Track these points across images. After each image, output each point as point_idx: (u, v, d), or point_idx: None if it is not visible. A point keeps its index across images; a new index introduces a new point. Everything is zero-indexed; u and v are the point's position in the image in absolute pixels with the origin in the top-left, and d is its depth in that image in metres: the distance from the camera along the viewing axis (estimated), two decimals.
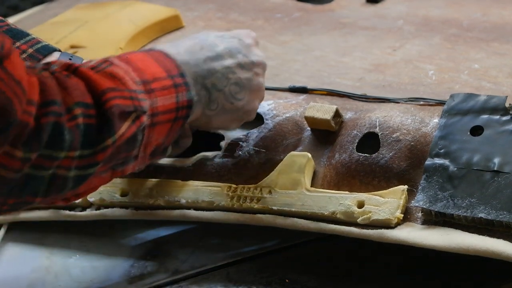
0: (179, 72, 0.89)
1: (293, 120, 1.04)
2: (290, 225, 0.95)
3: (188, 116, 0.90)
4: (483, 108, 0.96)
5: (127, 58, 0.86)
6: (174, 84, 0.88)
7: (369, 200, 0.93)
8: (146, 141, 0.85)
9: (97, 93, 0.78)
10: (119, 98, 0.80)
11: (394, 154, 0.95)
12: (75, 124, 0.76)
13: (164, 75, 0.87)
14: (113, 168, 0.83)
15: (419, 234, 0.90)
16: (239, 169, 1.01)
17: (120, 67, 0.83)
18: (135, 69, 0.84)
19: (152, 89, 0.85)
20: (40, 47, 1.04)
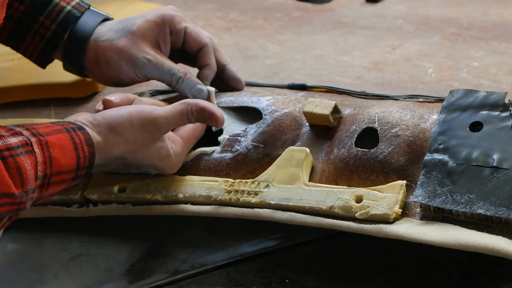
0: (88, 165, 0.93)
1: (292, 115, 1.04)
2: (288, 219, 0.95)
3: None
4: (483, 104, 0.96)
5: (48, 142, 0.89)
6: (73, 177, 0.92)
7: (368, 195, 0.92)
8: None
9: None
10: (9, 205, 0.85)
11: (393, 149, 0.95)
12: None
13: (72, 169, 0.91)
14: None
15: (418, 229, 0.89)
16: (237, 164, 1.01)
17: (33, 158, 0.87)
18: (47, 160, 0.88)
19: (49, 183, 0.89)
20: (63, 18, 1.07)
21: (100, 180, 1.04)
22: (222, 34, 1.38)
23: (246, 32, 1.38)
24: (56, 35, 1.07)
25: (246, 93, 1.09)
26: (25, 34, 1.08)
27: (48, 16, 1.07)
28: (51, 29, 1.07)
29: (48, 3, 1.07)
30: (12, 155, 0.85)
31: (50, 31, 1.07)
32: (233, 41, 1.35)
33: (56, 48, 1.09)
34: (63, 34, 1.07)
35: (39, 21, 1.07)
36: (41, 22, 1.07)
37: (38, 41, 1.08)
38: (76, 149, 0.91)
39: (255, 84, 1.14)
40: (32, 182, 0.87)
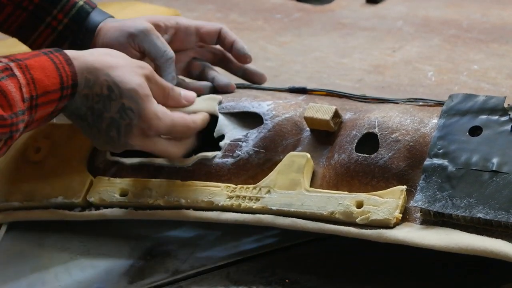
0: (72, 83, 0.94)
1: (293, 120, 1.04)
2: (289, 225, 0.95)
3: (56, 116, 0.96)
4: (482, 108, 0.96)
5: (27, 65, 0.90)
6: (60, 97, 0.93)
7: (368, 200, 0.93)
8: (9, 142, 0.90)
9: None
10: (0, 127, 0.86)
11: (393, 155, 0.95)
12: None
13: (56, 88, 0.92)
14: None
15: (418, 234, 0.89)
16: (239, 169, 1.01)
17: (15, 80, 0.88)
18: (30, 81, 0.89)
19: (36, 104, 0.90)
20: (75, 13, 1.10)
21: (102, 184, 1.05)
22: None
23: (246, 33, 1.38)
24: (67, 29, 1.10)
25: (246, 98, 1.09)
26: (38, 25, 1.10)
27: (62, 10, 1.10)
28: (63, 23, 1.10)
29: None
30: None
31: (62, 24, 1.10)
32: None
33: (65, 42, 1.11)
34: (74, 28, 1.10)
35: (53, 14, 1.09)
36: (54, 15, 1.09)
37: (49, 33, 1.10)
38: (58, 69, 0.92)
39: (255, 87, 1.15)
40: (19, 104, 0.88)
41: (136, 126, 0.97)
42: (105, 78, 0.96)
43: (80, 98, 0.95)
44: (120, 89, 0.96)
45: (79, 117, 0.97)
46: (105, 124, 0.97)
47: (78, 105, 0.96)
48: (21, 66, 0.89)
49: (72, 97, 0.95)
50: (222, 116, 1.07)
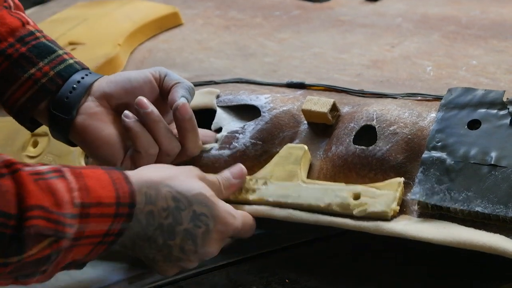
0: (129, 202, 0.85)
1: (290, 113, 1.04)
2: (286, 216, 0.95)
3: (116, 242, 0.87)
4: (481, 102, 0.96)
5: (81, 173, 0.83)
6: (115, 214, 0.84)
7: (365, 192, 0.92)
8: (59, 261, 0.82)
9: (23, 206, 0.77)
10: (42, 219, 0.78)
11: (391, 147, 0.95)
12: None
13: (111, 202, 0.84)
14: (16, 278, 0.81)
15: (415, 227, 0.89)
16: (236, 161, 1.01)
17: (66, 182, 0.81)
18: (82, 188, 0.82)
19: (88, 214, 0.82)
20: (63, 68, 1.01)
21: None
22: (221, 32, 1.38)
23: (245, 30, 1.38)
24: (51, 82, 1.00)
25: (244, 91, 1.09)
26: (19, 76, 1.00)
27: (49, 63, 1.01)
28: (49, 75, 1.00)
29: (52, 52, 1.01)
30: (42, 178, 0.80)
31: (47, 77, 1.00)
32: (232, 39, 1.35)
33: (45, 99, 1.01)
34: (59, 83, 1.00)
35: (38, 65, 1.00)
36: (39, 67, 1.00)
37: (29, 86, 1.00)
38: (114, 183, 0.84)
39: (253, 82, 1.14)
40: (68, 206, 0.80)
41: (213, 230, 0.91)
42: (167, 190, 0.89)
43: (145, 218, 0.88)
44: (187, 197, 0.90)
45: (147, 241, 0.89)
46: (179, 239, 0.90)
47: (143, 226, 0.88)
48: (75, 173, 0.82)
49: (128, 219, 0.86)
50: (220, 110, 1.07)
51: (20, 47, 1.00)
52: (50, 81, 1.00)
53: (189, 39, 1.35)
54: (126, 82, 1.01)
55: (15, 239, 0.76)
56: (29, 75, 1.00)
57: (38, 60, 1.00)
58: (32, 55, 1.00)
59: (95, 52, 1.28)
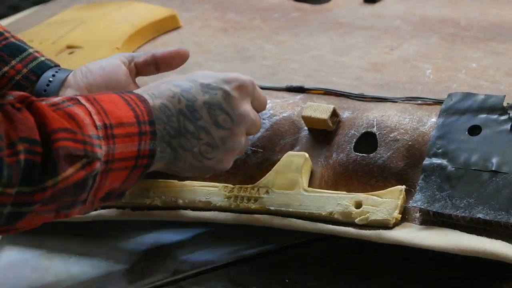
0: (149, 119, 0.85)
1: (290, 119, 1.04)
2: (288, 225, 0.95)
3: (150, 166, 0.85)
4: (481, 107, 0.96)
5: (95, 98, 0.82)
6: (139, 132, 0.83)
7: (367, 200, 0.92)
8: (97, 187, 0.81)
9: (47, 131, 0.76)
10: (69, 140, 0.77)
11: (392, 154, 0.95)
12: (15, 160, 0.73)
13: (132, 121, 0.83)
14: (58, 210, 0.80)
15: (417, 234, 0.89)
16: (236, 169, 1.00)
17: (83, 107, 0.80)
18: (100, 111, 0.81)
19: (113, 135, 0.81)
20: (35, 65, 1.03)
21: None
22: (219, 34, 1.38)
23: (243, 32, 1.38)
24: (26, 80, 1.02)
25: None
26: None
27: (21, 61, 1.02)
28: (22, 73, 1.02)
29: (23, 51, 1.03)
30: (59, 108, 0.79)
31: (20, 74, 1.02)
32: (230, 41, 1.34)
33: None
34: (34, 79, 1.02)
35: (10, 64, 1.02)
36: (12, 65, 1.02)
37: (4, 83, 1.02)
38: (129, 104, 0.84)
39: None
40: (91, 128, 0.79)
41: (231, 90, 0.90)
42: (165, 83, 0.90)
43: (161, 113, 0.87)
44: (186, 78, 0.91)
45: (181, 135, 0.88)
46: (206, 114, 0.89)
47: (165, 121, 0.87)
48: (89, 98, 0.82)
49: (154, 137, 0.85)
50: None
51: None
52: (24, 78, 1.01)
53: (187, 42, 1.35)
54: (100, 70, 1.01)
55: (47, 163, 0.75)
56: (2, 73, 1.01)
57: (10, 59, 1.02)
58: (3, 54, 1.02)
59: (93, 56, 1.27)
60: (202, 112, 0.89)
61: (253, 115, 0.92)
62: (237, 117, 0.90)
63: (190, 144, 0.89)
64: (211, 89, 0.89)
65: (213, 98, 0.89)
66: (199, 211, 0.99)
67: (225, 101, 0.89)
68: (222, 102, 0.89)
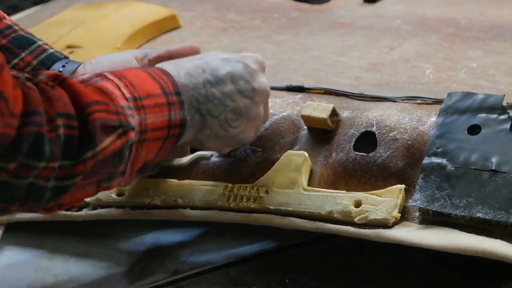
0: (175, 90, 0.87)
1: (290, 119, 1.04)
2: (287, 224, 0.95)
3: (181, 135, 0.88)
4: (481, 107, 0.96)
5: (121, 73, 0.85)
6: (167, 102, 0.86)
7: (366, 200, 0.92)
8: (133, 158, 0.83)
9: (81, 105, 0.77)
10: (103, 112, 0.79)
11: (391, 153, 0.95)
12: (55, 135, 0.75)
13: (159, 92, 0.85)
14: (99, 182, 0.82)
15: (417, 234, 0.89)
16: (236, 168, 1.01)
17: (111, 81, 0.82)
18: (128, 84, 0.83)
19: (143, 106, 0.83)
20: (45, 57, 1.04)
21: None
22: (219, 34, 1.38)
23: (243, 32, 1.38)
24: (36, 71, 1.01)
25: None
26: None
27: (30, 53, 1.03)
28: (32, 65, 1.03)
29: (32, 43, 1.04)
30: (89, 84, 0.81)
31: (30, 66, 1.03)
32: (230, 41, 1.34)
33: None
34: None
35: (20, 56, 1.03)
36: (22, 57, 1.03)
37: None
38: (154, 78, 0.86)
39: None
40: (122, 100, 0.81)
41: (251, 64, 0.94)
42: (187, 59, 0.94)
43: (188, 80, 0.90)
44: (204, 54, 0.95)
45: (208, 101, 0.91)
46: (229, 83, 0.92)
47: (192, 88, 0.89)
48: (115, 74, 0.84)
49: (182, 107, 0.87)
50: None
51: (0, 39, 1.02)
52: (34, 70, 1.01)
53: (187, 42, 1.35)
54: (110, 62, 1.02)
55: (84, 136, 0.77)
56: (12, 65, 1.02)
57: (19, 51, 1.03)
58: (13, 47, 1.03)
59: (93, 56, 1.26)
60: (226, 81, 0.92)
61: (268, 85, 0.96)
62: (257, 87, 0.93)
63: (217, 111, 0.91)
64: (232, 63, 0.93)
65: (235, 69, 0.93)
66: (198, 210, 0.99)
67: (246, 72, 0.93)
68: (243, 73, 0.93)
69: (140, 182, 1.03)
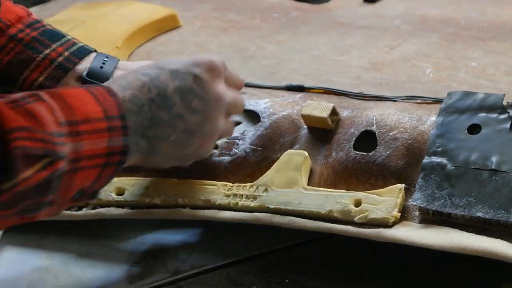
0: (119, 114, 0.82)
1: (290, 118, 1.04)
2: (287, 223, 0.95)
3: (123, 162, 0.83)
4: (481, 106, 0.96)
5: (61, 93, 0.79)
6: (108, 127, 0.80)
7: (366, 199, 0.92)
8: (65, 187, 0.78)
9: (3, 131, 0.71)
10: (27, 140, 0.72)
11: (391, 152, 0.95)
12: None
13: (99, 116, 0.79)
14: (22, 213, 0.76)
15: (417, 233, 0.89)
16: (236, 167, 1.01)
17: (45, 104, 0.76)
18: (65, 107, 0.77)
19: (78, 132, 0.77)
20: (76, 49, 1.04)
21: None
22: (219, 34, 1.38)
23: (243, 32, 1.38)
24: (68, 61, 1.02)
25: (244, 96, 1.08)
26: (34, 57, 1.01)
27: (61, 45, 1.03)
28: (64, 55, 1.02)
29: (62, 37, 1.04)
30: (18, 105, 0.74)
31: (62, 56, 1.02)
32: (230, 41, 1.34)
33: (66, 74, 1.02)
34: (76, 61, 1.02)
35: (51, 47, 1.02)
36: (53, 48, 1.02)
37: (46, 65, 1.01)
38: (97, 99, 0.80)
39: (252, 85, 1.14)
40: (53, 126, 0.75)
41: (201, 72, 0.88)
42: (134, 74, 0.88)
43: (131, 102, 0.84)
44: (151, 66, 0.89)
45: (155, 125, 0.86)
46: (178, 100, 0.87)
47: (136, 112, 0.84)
48: (52, 94, 0.78)
49: (126, 132, 0.82)
50: None
51: (30, 32, 1.03)
52: (67, 60, 1.02)
53: (187, 42, 1.35)
54: None
55: (4, 165, 0.71)
56: (44, 55, 1.01)
57: (50, 43, 1.03)
58: (44, 38, 1.03)
59: None
60: (175, 99, 0.87)
61: (229, 95, 0.91)
62: (211, 100, 0.89)
63: (166, 134, 0.87)
64: (180, 74, 0.88)
65: (184, 84, 0.88)
66: (198, 209, 0.99)
67: (196, 85, 0.88)
68: (193, 87, 0.88)
69: (140, 182, 1.03)
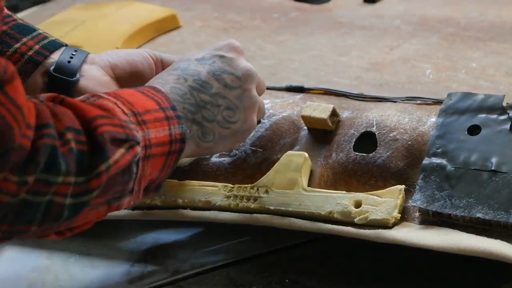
0: (170, 105, 0.86)
1: (290, 119, 1.04)
2: (287, 225, 0.95)
3: (182, 150, 0.86)
4: (481, 107, 0.96)
5: (116, 92, 0.84)
6: (166, 117, 0.85)
7: (366, 200, 0.92)
8: (141, 174, 0.82)
9: (86, 120, 0.76)
10: (109, 125, 0.78)
11: (391, 154, 0.95)
12: (68, 149, 0.74)
13: (156, 107, 0.84)
14: (109, 202, 0.80)
15: (417, 234, 0.89)
16: (236, 168, 1.01)
17: (108, 99, 0.81)
18: (124, 102, 0.82)
19: (143, 121, 0.82)
20: (47, 42, 1.02)
21: None
22: (219, 34, 1.37)
23: (243, 32, 1.38)
24: (39, 55, 1.01)
25: None
26: (4, 51, 1.00)
27: (32, 39, 1.02)
28: (34, 49, 1.01)
29: (33, 30, 1.03)
30: (88, 103, 0.80)
31: (32, 50, 1.01)
32: None
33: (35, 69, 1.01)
34: (47, 54, 1.01)
35: (22, 40, 1.01)
36: (23, 42, 1.01)
37: (16, 59, 1.01)
38: (147, 95, 0.85)
39: None
40: (122, 115, 0.80)
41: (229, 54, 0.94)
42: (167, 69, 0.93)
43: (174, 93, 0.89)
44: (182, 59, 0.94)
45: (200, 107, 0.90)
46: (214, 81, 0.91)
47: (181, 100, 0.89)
48: (109, 93, 0.83)
49: (180, 120, 0.86)
50: None
51: (0, 26, 1.01)
52: (37, 53, 1.01)
53: (187, 42, 1.35)
54: (127, 55, 1.02)
55: (95, 150, 0.76)
56: (14, 49, 1.01)
57: (21, 36, 1.01)
58: (14, 32, 1.02)
59: None
60: (211, 81, 0.91)
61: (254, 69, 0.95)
62: (241, 74, 0.92)
63: (213, 114, 0.91)
64: (208, 60, 0.92)
65: (214, 66, 0.92)
66: (198, 210, 0.99)
67: (225, 64, 0.92)
68: (222, 66, 0.92)
69: None
